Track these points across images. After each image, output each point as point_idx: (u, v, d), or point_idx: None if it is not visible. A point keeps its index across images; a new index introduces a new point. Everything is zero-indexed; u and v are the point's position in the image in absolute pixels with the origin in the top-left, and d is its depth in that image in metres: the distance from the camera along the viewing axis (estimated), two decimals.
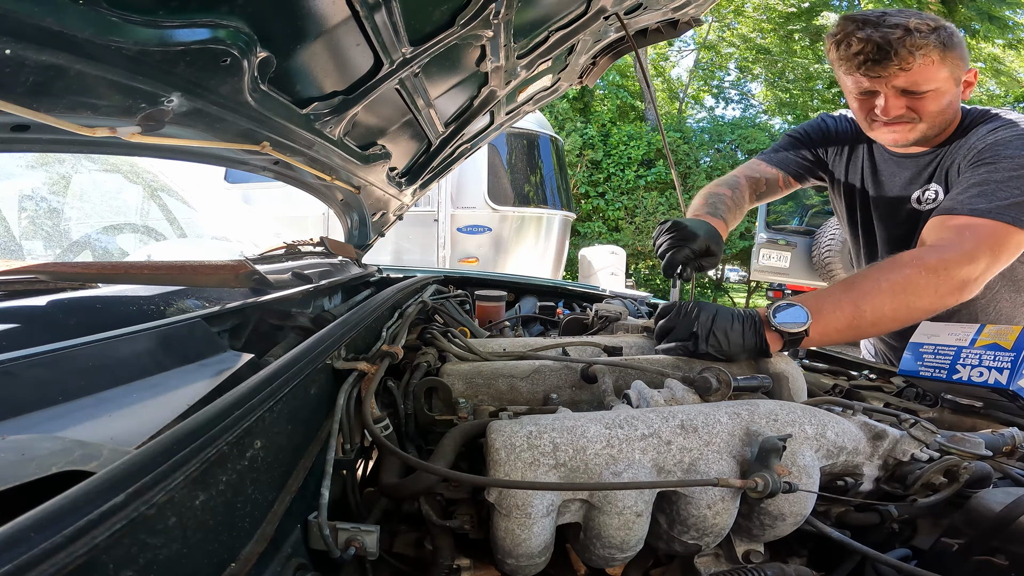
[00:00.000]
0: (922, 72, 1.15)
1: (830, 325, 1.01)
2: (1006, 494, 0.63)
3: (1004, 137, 1.17)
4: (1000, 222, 1.08)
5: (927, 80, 1.16)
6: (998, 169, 1.13)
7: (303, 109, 0.99)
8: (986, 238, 1.07)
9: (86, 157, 2.04)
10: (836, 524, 0.72)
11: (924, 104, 1.20)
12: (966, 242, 1.07)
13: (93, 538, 0.30)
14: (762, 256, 7.16)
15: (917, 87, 1.17)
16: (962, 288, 1.05)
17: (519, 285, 2.28)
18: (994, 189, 1.11)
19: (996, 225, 1.08)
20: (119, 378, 0.59)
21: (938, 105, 1.20)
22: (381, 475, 0.68)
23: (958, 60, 1.17)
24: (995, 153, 1.16)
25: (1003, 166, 1.13)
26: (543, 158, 5.93)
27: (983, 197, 1.11)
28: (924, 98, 1.19)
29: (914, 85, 1.17)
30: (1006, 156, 1.14)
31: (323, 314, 1.21)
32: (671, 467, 0.65)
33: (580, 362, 0.96)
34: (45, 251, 1.85)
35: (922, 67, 1.14)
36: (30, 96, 0.55)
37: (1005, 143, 1.16)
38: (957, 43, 1.16)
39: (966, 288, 1.06)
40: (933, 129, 1.25)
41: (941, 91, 1.18)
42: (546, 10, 1.23)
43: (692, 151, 11.33)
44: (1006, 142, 1.16)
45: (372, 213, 1.83)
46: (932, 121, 1.23)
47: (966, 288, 1.06)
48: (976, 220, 1.09)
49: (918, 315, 1.05)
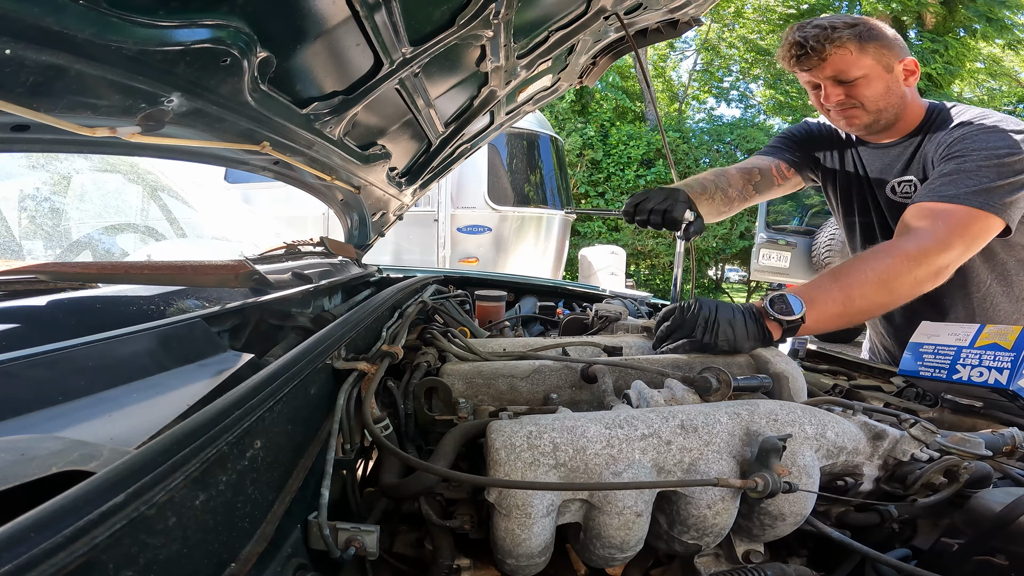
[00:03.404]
0: (841, 61, 1.30)
1: (823, 312, 1.08)
2: (1006, 494, 0.63)
3: (970, 131, 1.27)
4: (969, 207, 1.16)
5: (849, 68, 1.30)
6: (967, 160, 1.23)
7: (303, 109, 0.99)
8: (958, 224, 1.16)
9: (86, 157, 2.04)
10: (836, 524, 0.72)
11: (858, 90, 1.33)
12: (940, 230, 1.15)
13: (93, 538, 0.30)
14: (762, 256, 7.16)
15: (844, 75, 1.32)
16: (938, 274, 1.15)
17: (519, 285, 2.28)
18: (962, 178, 1.20)
19: (966, 210, 1.16)
20: (119, 378, 0.59)
21: (872, 90, 1.32)
22: (381, 475, 0.68)
23: (882, 50, 1.30)
24: (963, 146, 1.25)
25: (972, 158, 1.22)
26: (543, 158, 5.93)
27: (952, 185, 1.20)
28: (856, 85, 1.32)
29: (840, 73, 1.32)
30: (974, 149, 1.23)
31: (323, 314, 1.21)
32: (671, 467, 0.65)
33: (580, 362, 0.96)
34: (45, 251, 1.85)
35: (839, 56, 1.29)
36: (30, 96, 0.55)
37: (971, 137, 1.26)
38: (877, 35, 1.30)
39: (941, 274, 1.15)
40: (881, 114, 1.35)
41: (870, 78, 1.31)
42: (546, 10, 1.23)
43: (692, 151, 11.33)
44: (972, 136, 1.26)
45: (372, 213, 1.83)
46: (874, 105, 1.34)
47: (941, 274, 1.15)
48: (948, 206, 1.18)
49: (900, 301, 1.16)
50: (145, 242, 2.13)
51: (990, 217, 1.16)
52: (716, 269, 12.82)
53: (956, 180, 1.20)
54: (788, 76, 13.89)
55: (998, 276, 1.38)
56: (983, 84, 12.68)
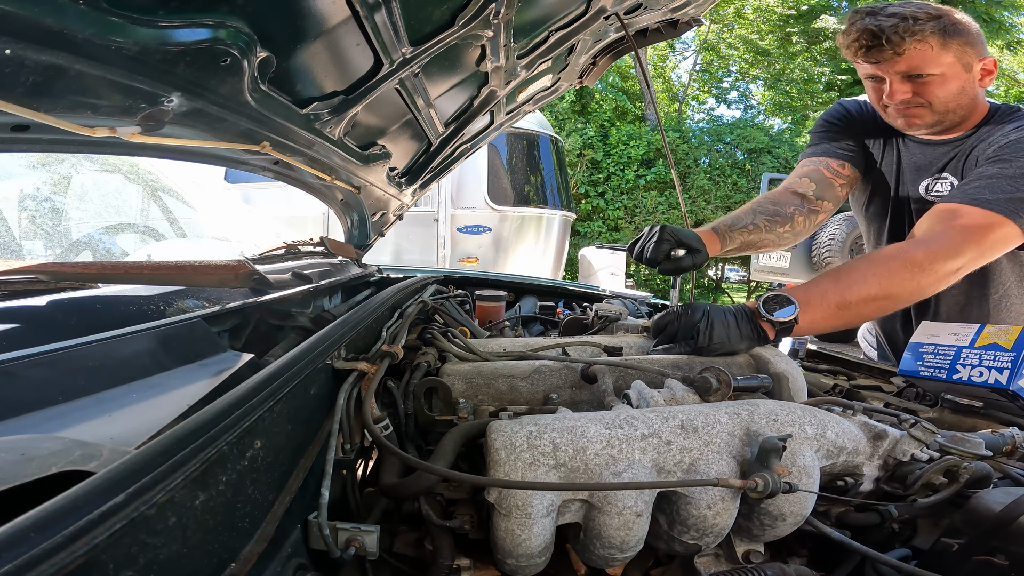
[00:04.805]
0: (919, 56, 1.18)
1: (817, 314, 1.05)
2: (1006, 494, 0.63)
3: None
4: (995, 213, 1.10)
5: (927, 64, 1.18)
6: (1011, 166, 1.14)
7: (303, 109, 0.99)
8: (976, 230, 1.09)
9: (86, 157, 2.04)
10: (836, 524, 0.72)
11: (930, 89, 1.21)
12: (955, 235, 1.09)
13: (93, 538, 0.30)
14: (762, 256, 7.17)
15: (918, 71, 1.20)
16: (943, 280, 1.09)
17: (519, 285, 2.28)
18: (1001, 183, 1.12)
19: (990, 216, 1.10)
20: (119, 378, 0.59)
21: (946, 90, 1.21)
22: (381, 475, 0.68)
23: (965, 47, 1.18)
24: (1014, 150, 1.16)
25: (1017, 164, 1.13)
26: (543, 158, 5.93)
27: (988, 189, 1.12)
28: (929, 83, 1.20)
29: (915, 69, 1.20)
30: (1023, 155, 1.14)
31: (323, 314, 1.21)
32: (671, 467, 0.65)
33: (580, 362, 0.96)
34: (45, 251, 1.85)
35: (918, 51, 1.17)
36: (30, 96, 0.55)
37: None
38: (962, 31, 1.18)
39: (947, 279, 1.09)
40: (948, 115, 1.25)
41: (947, 76, 1.20)
42: (546, 10, 1.23)
43: (692, 151, 11.33)
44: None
45: (372, 213, 1.83)
46: (943, 106, 1.23)
47: (947, 279, 1.09)
48: (973, 210, 1.11)
49: (900, 306, 1.12)
50: (145, 242, 2.13)
51: (1013, 227, 1.09)
52: (716, 269, 12.81)
53: (993, 184, 1.12)
54: (788, 76, 13.90)
55: (1018, 279, 1.34)
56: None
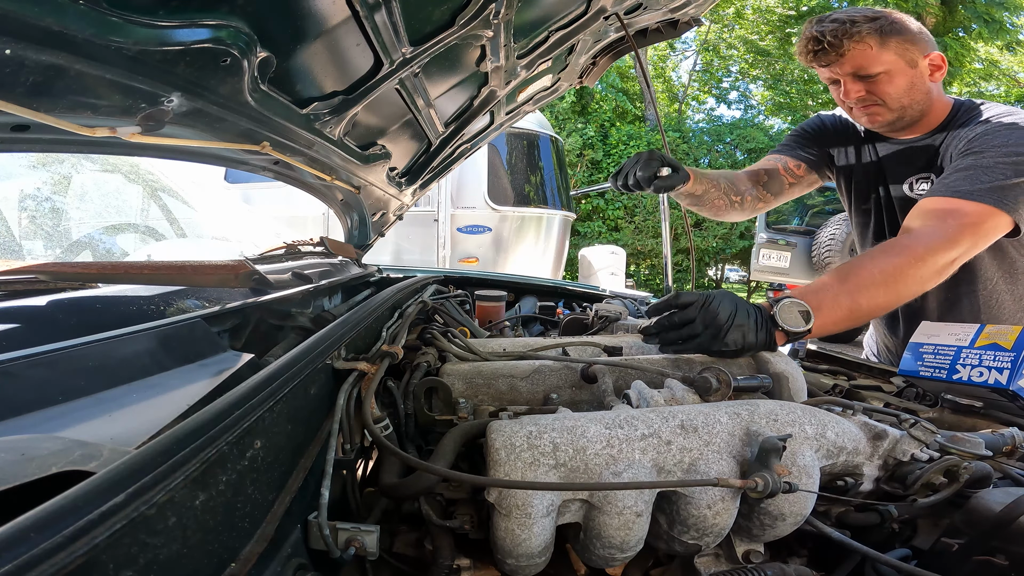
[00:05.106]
0: (860, 56, 1.26)
1: (829, 319, 1.06)
2: (1006, 494, 0.63)
3: (992, 127, 1.24)
4: (981, 203, 1.13)
5: (870, 63, 1.27)
6: (985, 156, 1.19)
7: (303, 109, 0.99)
8: (967, 221, 1.13)
9: (86, 157, 2.04)
10: (836, 524, 0.72)
11: (879, 87, 1.29)
12: (949, 227, 1.13)
13: (93, 538, 0.30)
14: (762, 256, 7.17)
15: (864, 71, 1.28)
16: (942, 272, 1.13)
17: (519, 285, 2.28)
18: (978, 173, 1.17)
19: (977, 206, 1.14)
20: (119, 378, 0.59)
21: (895, 87, 1.29)
22: (381, 475, 0.68)
23: (905, 44, 1.26)
24: (983, 142, 1.22)
25: (990, 154, 1.19)
26: (543, 158, 5.93)
27: (967, 181, 1.17)
28: (877, 81, 1.29)
29: (860, 69, 1.28)
30: (993, 145, 1.20)
31: (323, 314, 1.21)
32: (671, 467, 0.65)
33: (580, 362, 0.96)
34: (45, 251, 1.85)
35: (859, 52, 1.26)
36: (30, 96, 0.55)
37: (993, 132, 1.22)
38: (900, 29, 1.26)
39: (946, 271, 1.13)
40: (906, 111, 1.32)
41: (892, 73, 1.27)
42: (546, 10, 1.23)
43: (692, 151, 11.35)
44: (994, 131, 1.22)
45: (372, 213, 1.83)
46: (897, 103, 1.31)
47: (946, 271, 1.13)
48: (959, 202, 1.15)
49: (905, 300, 1.14)
50: (145, 242, 2.14)
51: (1002, 215, 1.14)
52: (716, 269, 12.82)
53: (971, 176, 1.17)
54: (788, 77, 13.92)
55: (1005, 274, 1.36)
56: (978, 85, 12.69)
